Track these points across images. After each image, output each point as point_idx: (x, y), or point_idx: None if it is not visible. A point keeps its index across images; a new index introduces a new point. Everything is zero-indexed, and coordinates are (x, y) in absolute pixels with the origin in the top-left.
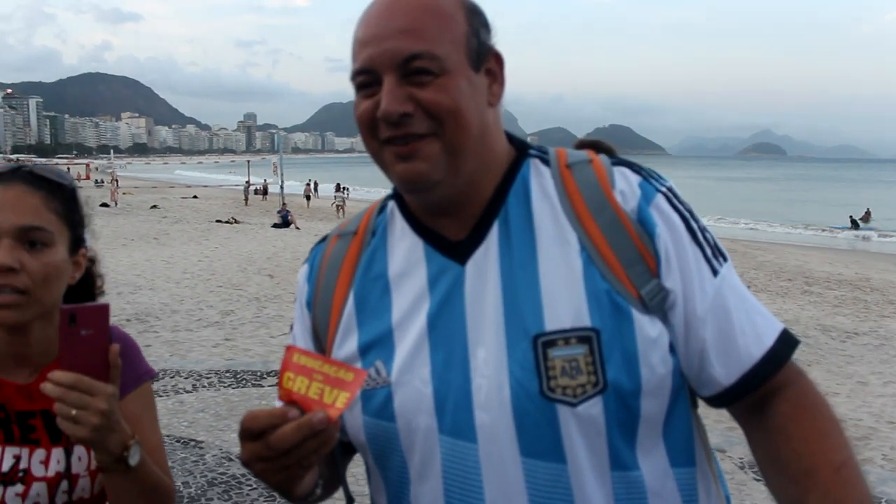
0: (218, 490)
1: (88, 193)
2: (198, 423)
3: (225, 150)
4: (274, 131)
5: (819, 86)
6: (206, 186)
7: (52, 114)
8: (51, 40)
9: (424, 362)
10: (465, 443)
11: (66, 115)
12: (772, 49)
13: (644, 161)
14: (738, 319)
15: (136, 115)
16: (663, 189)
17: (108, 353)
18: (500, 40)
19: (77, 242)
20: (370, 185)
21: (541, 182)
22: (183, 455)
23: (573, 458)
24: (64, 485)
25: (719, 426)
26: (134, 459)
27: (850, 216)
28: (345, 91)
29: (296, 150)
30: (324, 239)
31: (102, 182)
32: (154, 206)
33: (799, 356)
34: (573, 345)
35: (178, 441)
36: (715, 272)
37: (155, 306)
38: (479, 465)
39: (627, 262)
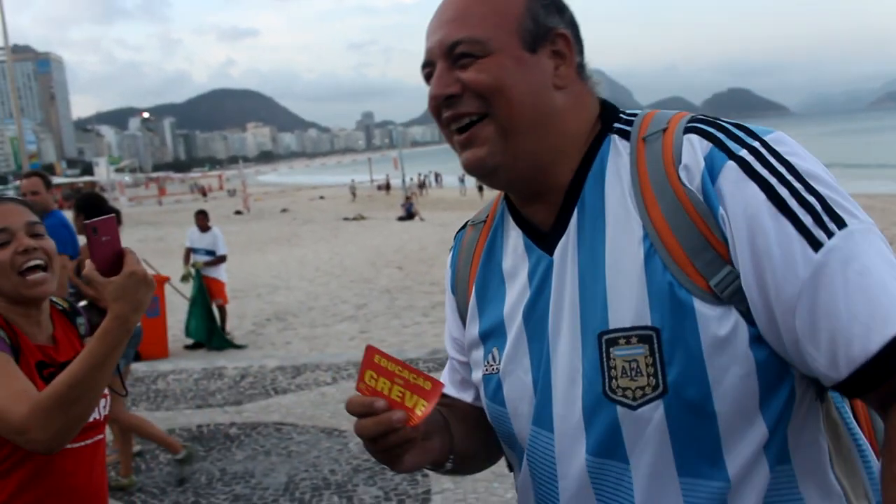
0: (363, 476)
1: (222, 203)
2: (340, 414)
3: (346, 150)
4: (392, 127)
5: None
6: (331, 186)
7: (185, 132)
8: (179, 63)
9: (525, 353)
10: (546, 432)
11: (197, 132)
12: None
13: (767, 122)
14: (849, 301)
15: (261, 124)
16: (742, 153)
17: (123, 251)
18: (610, 14)
19: None
20: None
21: (616, 161)
22: (328, 444)
23: (636, 460)
24: (103, 402)
25: None
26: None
27: None
28: None
29: (414, 143)
30: (464, 226)
31: (234, 191)
32: (284, 210)
33: None
34: (634, 344)
35: (322, 431)
36: (817, 244)
37: (292, 305)
38: (554, 456)
39: (693, 250)
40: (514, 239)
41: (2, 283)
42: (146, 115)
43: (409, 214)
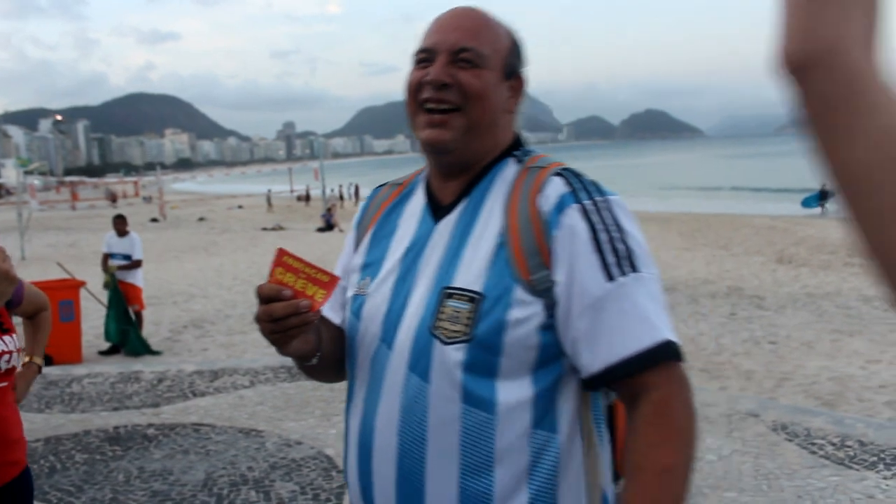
0: (280, 472)
1: (138, 209)
2: (257, 415)
3: (266, 160)
4: (313, 138)
5: None
6: (250, 196)
7: (100, 135)
8: (96, 64)
9: (389, 286)
10: (387, 349)
11: (113, 136)
12: None
13: (681, 143)
14: (618, 321)
15: (179, 130)
16: (586, 201)
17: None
18: (534, 34)
19: None
20: None
21: (504, 177)
22: (246, 444)
23: (435, 381)
24: (7, 357)
25: (750, 389)
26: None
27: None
28: (381, 94)
29: (336, 154)
30: (382, 185)
31: (150, 198)
32: (201, 219)
33: (841, 327)
34: (463, 301)
35: (240, 431)
36: (611, 277)
37: (209, 313)
38: (386, 366)
39: (528, 252)
40: (416, 203)
41: None
42: (59, 116)
43: (329, 225)
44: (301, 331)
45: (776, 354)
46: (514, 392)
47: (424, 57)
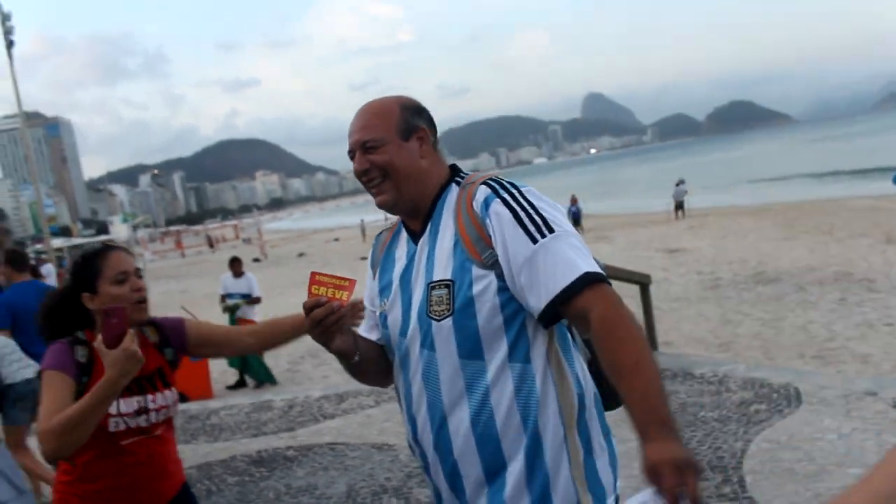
0: (416, 480)
1: (240, 251)
2: (387, 431)
3: (356, 191)
4: None
5: None
6: (346, 228)
7: (195, 184)
8: (185, 118)
9: (399, 298)
10: (404, 339)
11: (207, 184)
12: None
13: (769, 132)
14: (546, 270)
15: (269, 171)
16: (504, 195)
17: (126, 332)
18: (604, 42)
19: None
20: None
21: (451, 198)
22: (380, 457)
23: (439, 350)
24: (165, 411)
25: (867, 373)
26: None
27: None
28: (459, 115)
29: None
30: (382, 231)
31: (250, 239)
32: (301, 254)
33: None
34: (441, 288)
35: (372, 447)
36: (534, 241)
37: None
38: (408, 350)
39: (474, 240)
40: (403, 237)
41: None
42: (156, 171)
43: None
44: (339, 327)
45: (894, 336)
46: (493, 342)
47: (351, 154)
